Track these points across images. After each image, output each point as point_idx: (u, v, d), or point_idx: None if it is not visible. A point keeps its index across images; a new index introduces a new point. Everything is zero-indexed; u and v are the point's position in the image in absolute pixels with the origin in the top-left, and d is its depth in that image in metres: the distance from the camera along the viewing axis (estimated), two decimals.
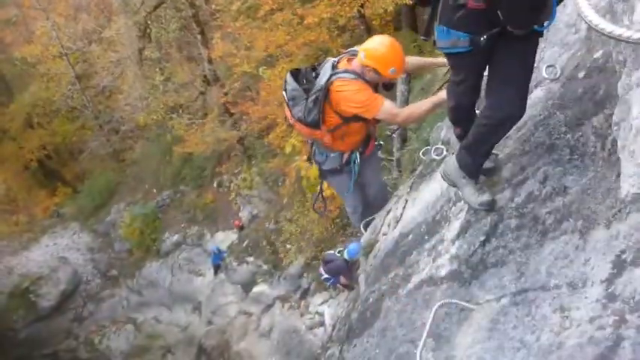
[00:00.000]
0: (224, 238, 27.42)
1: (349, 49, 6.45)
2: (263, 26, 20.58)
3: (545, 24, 3.74)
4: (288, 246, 22.22)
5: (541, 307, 3.24)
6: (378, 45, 5.96)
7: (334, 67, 6.11)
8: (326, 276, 9.14)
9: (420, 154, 7.08)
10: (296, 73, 6.38)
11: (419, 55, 6.51)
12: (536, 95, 4.63)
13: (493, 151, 4.49)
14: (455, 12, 3.68)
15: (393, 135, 9.66)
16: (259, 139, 25.12)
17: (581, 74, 4.47)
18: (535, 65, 4.08)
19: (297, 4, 19.58)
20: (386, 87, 6.46)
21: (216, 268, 25.93)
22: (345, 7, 17.90)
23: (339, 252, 8.46)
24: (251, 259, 24.16)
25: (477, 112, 4.46)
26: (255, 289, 23.40)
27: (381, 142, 7.44)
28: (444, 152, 5.86)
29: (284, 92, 6.35)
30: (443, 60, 5.54)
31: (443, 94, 5.54)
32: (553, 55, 5.04)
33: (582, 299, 2.93)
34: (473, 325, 3.80)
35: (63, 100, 36.08)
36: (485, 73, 4.12)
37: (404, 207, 6.51)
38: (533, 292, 3.39)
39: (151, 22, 28.27)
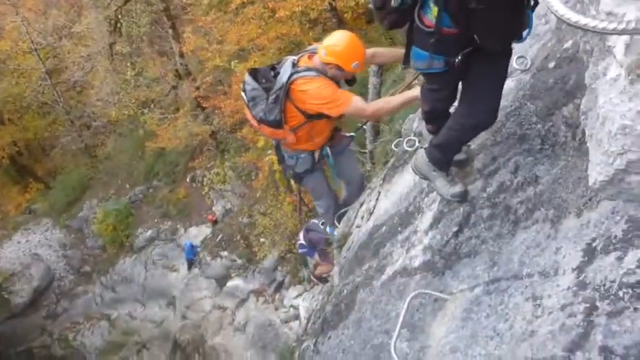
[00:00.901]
0: (198, 233, 27.37)
1: (309, 47, 6.39)
2: (235, 20, 20.54)
3: (524, 34, 3.72)
4: (262, 240, 22.24)
5: (514, 296, 3.26)
6: (337, 41, 5.91)
7: (294, 65, 6.07)
8: (302, 242, 9.06)
9: (393, 146, 7.07)
10: (254, 73, 6.32)
11: (392, 47, 6.46)
12: (507, 86, 4.64)
13: None
14: (429, 36, 3.63)
15: (364, 127, 9.65)
16: (232, 134, 25.09)
17: (551, 65, 4.50)
18: None
19: None
20: (348, 82, 6.40)
21: (190, 263, 25.89)
22: (316, 0, 17.88)
23: (322, 224, 8.39)
24: (225, 253, 24.14)
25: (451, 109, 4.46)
26: (230, 284, 23.39)
27: (353, 135, 7.37)
28: (417, 144, 5.87)
29: (243, 93, 6.29)
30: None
31: (415, 92, 5.54)
32: (523, 45, 5.06)
33: (554, 287, 2.96)
34: (447, 315, 3.82)
35: (34, 95, 35.76)
36: None
37: (377, 199, 6.51)
38: (505, 281, 3.41)
39: (122, 17, 28.14)
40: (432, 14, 3.54)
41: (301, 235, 9.08)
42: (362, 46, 5.99)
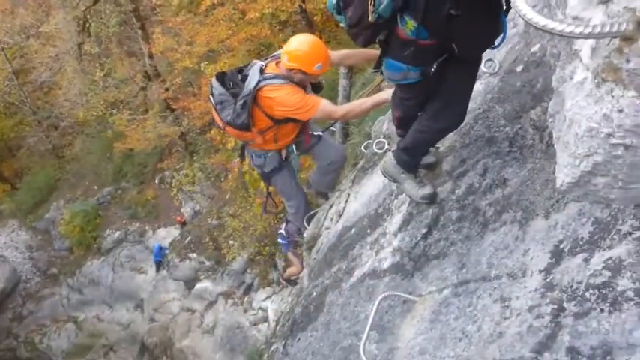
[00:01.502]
0: (166, 235, 27.23)
1: (275, 53, 6.38)
2: (204, 21, 20.51)
3: (497, 41, 3.74)
4: (231, 242, 22.17)
5: (482, 298, 3.28)
6: (298, 45, 5.92)
7: (262, 71, 6.09)
8: (282, 232, 9.07)
9: (362, 148, 7.09)
10: (222, 77, 6.31)
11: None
12: (475, 89, 4.67)
13: None
14: (405, 48, 3.64)
15: (334, 129, 9.64)
16: (201, 135, 25.01)
17: (519, 68, 4.55)
18: None
19: None
20: (314, 89, 6.41)
21: (158, 265, 25.74)
22: (286, 2, 17.92)
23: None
24: (193, 255, 24.04)
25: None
26: (198, 286, 23.30)
27: (320, 134, 7.28)
28: (386, 146, 5.89)
29: (211, 96, 6.28)
30: (377, 52, 5.58)
31: (385, 95, 5.57)
32: None
33: (522, 289, 2.98)
34: (416, 317, 3.82)
35: (0, 95, 35.22)
36: None
37: (347, 201, 6.52)
38: (474, 283, 3.43)
39: (91, 17, 27.88)
40: (407, 27, 3.53)
41: (283, 225, 9.10)
42: (323, 46, 6.03)
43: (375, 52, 5.92)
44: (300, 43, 5.95)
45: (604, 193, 2.37)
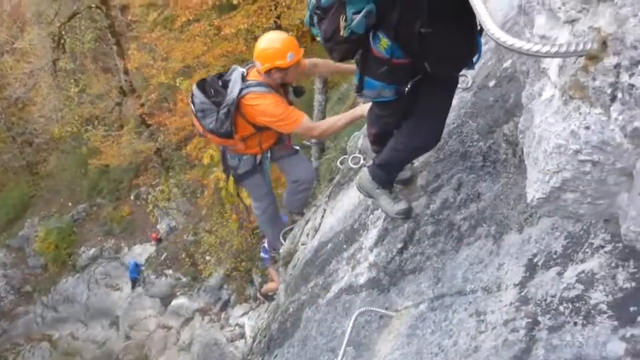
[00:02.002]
0: (142, 251, 27.06)
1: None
2: (180, 37, 20.52)
3: (474, 61, 3.78)
4: (208, 257, 22.08)
5: (458, 312, 3.29)
6: (264, 45, 5.92)
7: (244, 78, 6.09)
8: (265, 245, 9.06)
9: (338, 163, 7.11)
10: (202, 84, 6.29)
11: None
12: None
13: None
14: (379, 66, 3.64)
15: (311, 144, 9.66)
16: (177, 151, 24.96)
17: (491, 83, 4.59)
18: None
19: (214, 14, 19.53)
20: (296, 93, 6.43)
21: (134, 282, 25.56)
22: (261, 17, 17.99)
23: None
24: (170, 271, 23.91)
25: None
26: (175, 302, 23.14)
27: (297, 148, 7.31)
28: (361, 161, 5.91)
29: (191, 104, 6.26)
30: (348, 65, 5.61)
31: (361, 111, 5.59)
32: None
33: (497, 303, 3.00)
34: (392, 332, 3.83)
35: None
36: None
37: (322, 216, 6.53)
38: (450, 298, 3.44)
39: (66, 33, 27.77)
40: (380, 45, 3.54)
41: (266, 238, 9.11)
42: (288, 37, 6.05)
43: (345, 65, 5.99)
44: (266, 41, 5.96)
45: (573, 208, 2.39)
